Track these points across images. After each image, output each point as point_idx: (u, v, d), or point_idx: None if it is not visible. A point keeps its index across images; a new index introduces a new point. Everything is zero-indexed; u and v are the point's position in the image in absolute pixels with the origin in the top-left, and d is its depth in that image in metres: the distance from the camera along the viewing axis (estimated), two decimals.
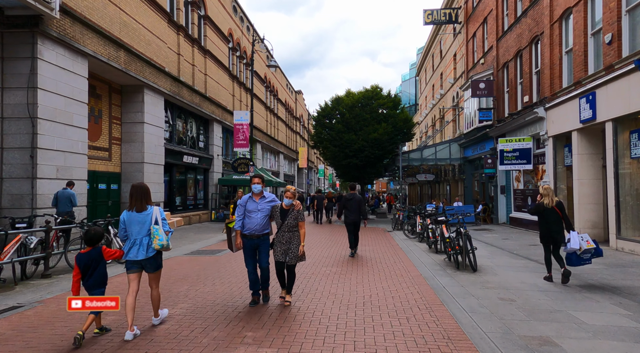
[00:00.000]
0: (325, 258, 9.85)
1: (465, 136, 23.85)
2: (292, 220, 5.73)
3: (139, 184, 4.80)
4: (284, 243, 5.70)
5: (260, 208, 5.73)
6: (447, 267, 8.65)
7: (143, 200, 4.69)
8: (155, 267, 4.70)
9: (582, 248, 6.86)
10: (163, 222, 4.69)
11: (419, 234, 13.67)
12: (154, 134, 16.65)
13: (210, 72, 22.97)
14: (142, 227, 4.59)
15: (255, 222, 5.67)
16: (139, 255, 4.54)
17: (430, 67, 38.67)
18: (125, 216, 4.64)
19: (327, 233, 16.39)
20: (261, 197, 5.83)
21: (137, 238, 4.57)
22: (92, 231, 4.61)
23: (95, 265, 4.46)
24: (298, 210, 5.79)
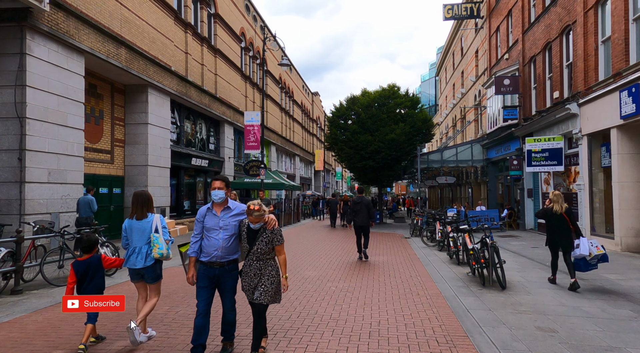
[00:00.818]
0: (332, 271, 8.85)
1: (489, 136, 22.52)
2: (264, 244, 4.03)
3: (140, 192, 4.75)
4: (253, 277, 4.07)
5: (223, 226, 4.13)
6: (470, 283, 7.55)
7: (144, 207, 4.63)
8: (154, 277, 4.59)
9: (592, 254, 6.83)
10: (163, 230, 4.63)
11: (439, 242, 12.55)
12: (158, 136, 15.95)
13: (221, 72, 22.27)
14: (142, 235, 4.54)
15: (216, 245, 4.09)
16: (137, 263, 4.46)
17: (451, 65, 37.29)
18: (126, 224, 4.61)
19: (338, 240, 15.38)
20: (224, 208, 4.20)
21: (137, 246, 4.52)
22: (85, 237, 4.58)
23: (93, 273, 4.39)
24: (273, 229, 4.09)
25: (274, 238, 4.09)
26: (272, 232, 4.08)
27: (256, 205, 3.94)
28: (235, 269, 4.26)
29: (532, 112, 17.61)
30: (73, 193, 11.36)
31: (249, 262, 4.11)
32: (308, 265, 9.61)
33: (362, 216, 10.34)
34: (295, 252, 11.85)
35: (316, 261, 10.18)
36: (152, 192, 15.64)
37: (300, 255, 11.34)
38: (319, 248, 12.78)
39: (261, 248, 4.05)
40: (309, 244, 14.01)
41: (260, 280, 4.05)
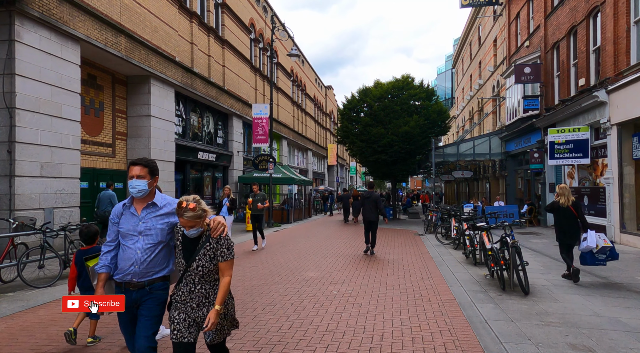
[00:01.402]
0: (336, 272, 8.15)
1: (508, 128, 21.48)
2: (207, 260, 2.79)
3: None
4: (194, 308, 2.81)
5: (144, 230, 2.93)
6: (488, 286, 6.77)
7: None
8: None
9: (599, 246, 6.76)
10: None
11: (454, 240, 11.74)
12: (162, 129, 15.43)
13: (229, 64, 21.67)
14: None
15: (133, 257, 2.90)
16: None
17: (468, 56, 36.07)
18: None
19: (347, 237, 14.67)
20: (148, 205, 3.00)
21: None
22: (85, 228, 4.47)
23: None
24: (219, 238, 2.82)
25: (218, 251, 2.79)
26: (217, 243, 2.80)
27: (190, 202, 2.74)
28: (162, 289, 2.99)
29: (554, 101, 16.57)
30: (69, 188, 10.88)
31: (187, 286, 2.81)
32: (311, 264, 8.94)
33: (370, 211, 10.37)
34: (300, 250, 11.19)
35: (320, 260, 9.50)
36: None
37: (304, 253, 10.67)
38: (326, 246, 12.10)
39: (203, 266, 2.78)
40: (315, 241, 13.35)
41: (203, 312, 2.80)
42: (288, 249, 11.37)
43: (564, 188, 7.29)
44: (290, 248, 11.63)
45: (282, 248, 11.61)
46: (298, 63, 37.66)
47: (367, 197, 10.58)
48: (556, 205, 7.30)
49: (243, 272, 8.09)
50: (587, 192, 14.19)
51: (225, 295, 2.78)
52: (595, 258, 6.86)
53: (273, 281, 7.22)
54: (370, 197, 10.52)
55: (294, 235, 15.57)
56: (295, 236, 15.09)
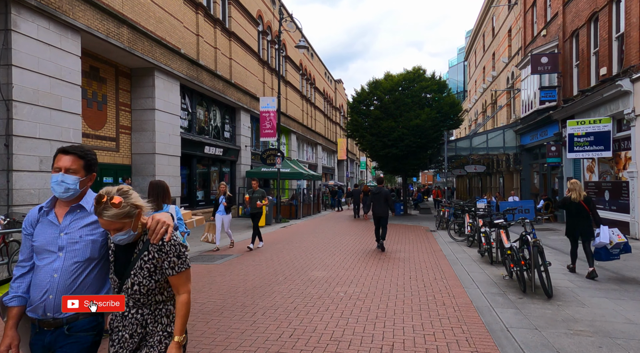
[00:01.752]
0: (344, 271, 7.73)
1: (523, 121, 20.79)
2: (143, 275, 2.06)
3: (156, 182, 4.55)
4: (128, 339, 2.11)
5: (66, 244, 2.13)
6: (508, 288, 6.29)
7: (159, 198, 4.40)
8: None
9: (613, 242, 6.70)
10: (179, 222, 4.43)
11: (468, 237, 11.23)
12: (167, 122, 15.10)
13: (236, 57, 21.27)
14: None
15: (48, 282, 2.10)
16: None
17: (481, 47, 35.20)
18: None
19: (357, 233, 14.23)
20: (72, 208, 2.22)
21: None
22: None
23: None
24: (162, 244, 2.06)
25: (164, 262, 2.05)
26: (159, 250, 2.05)
27: (113, 195, 2.01)
28: (87, 330, 2.17)
29: (573, 92, 15.88)
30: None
31: (124, 312, 2.14)
32: (318, 263, 8.52)
33: (380, 206, 10.37)
34: (307, 247, 10.78)
35: (328, 259, 9.08)
36: None
37: (312, 250, 10.26)
38: (334, 243, 11.68)
39: (140, 283, 2.06)
40: (323, 238, 12.93)
41: (143, 344, 2.10)
42: (295, 246, 10.97)
43: (575, 183, 7.25)
44: (297, 245, 11.23)
45: (289, 245, 11.22)
46: (307, 56, 37.15)
47: (377, 193, 10.61)
48: (568, 201, 7.22)
49: (246, 270, 7.71)
50: (608, 186, 13.55)
51: (185, 320, 2.07)
52: (610, 253, 6.79)
53: (277, 281, 6.82)
54: (379, 192, 10.55)
55: (302, 231, 15.18)
56: (303, 232, 14.69)
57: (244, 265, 8.23)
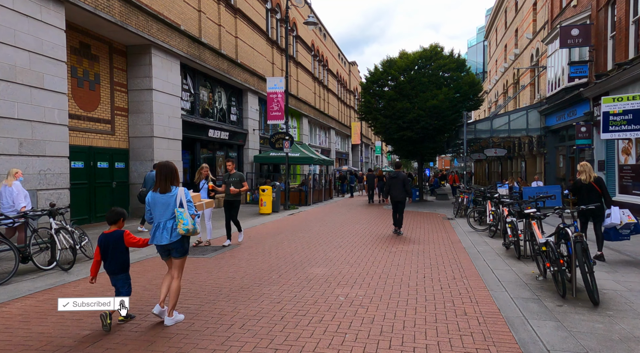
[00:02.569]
0: (348, 267, 6.77)
1: (548, 100, 19.34)
2: None
3: (164, 163, 4.42)
4: None
5: None
6: (542, 291, 5.25)
7: (167, 180, 4.31)
8: (182, 252, 4.34)
9: (623, 223, 6.70)
10: (188, 204, 4.32)
11: (490, 226, 10.14)
12: (166, 104, 14.21)
13: (243, 35, 20.20)
14: (166, 210, 4.25)
15: None
16: (163, 239, 4.21)
17: (503, 24, 33.33)
18: (149, 197, 4.33)
19: (368, 221, 13.24)
20: None
21: (161, 221, 4.25)
22: (111, 209, 4.40)
23: (115, 248, 4.23)
24: None
25: None
26: None
27: None
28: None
29: (607, 66, 14.43)
30: (55, 168, 9.82)
31: None
32: (320, 256, 7.58)
33: (397, 191, 10.35)
34: (311, 238, 9.85)
35: (332, 251, 8.13)
36: None
37: (316, 241, 9.32)
38: (341, 232, 10.73)
39: None
40: (331, 226, 11.98)
41: None
42: (298, 236, 10.05)
43: (584, 165, 7.26)
44: (301, 235, 10.31)
45: (292, 235, 10.30)
46: (319, 37, 35.80)
47: (394, 177, 10.49)
48: (579, 183, 7.22)
49: (237, 266, 6.82)
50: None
51: None
52: (619, 233, 6.77)
53: (269, 280, 5.90)
54: (397, 176, 10.45)
55: (310, 218, 14.26)
56: (310, 220, 13.77)
57: (236, 259, 7.34)
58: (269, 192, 15.79)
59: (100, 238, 4.26)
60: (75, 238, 6.99)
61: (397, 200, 10.40)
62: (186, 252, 4.37)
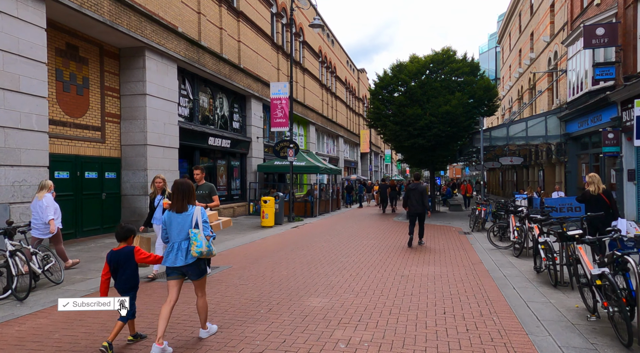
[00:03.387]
0: (353, 297, 5.71)
1: (569, 105, 18.17)
2: None
3: (180, 181, 4.26)
4: None
5: None
6: (597, 338, 4.15)
7: (184, 199, 4.13)
8: (198, 273, 4.13)
9: (630, 234, 5.98)
10: (204, 225, 4.11)
11: (515, 244, 9.01)
12: (161, 110, 13.36)
13: (246, 39, 19.40)
14: (182, 230, 4.07)
15: None
16: (177, 261, 4.01)
17: (516, 28, 32.24)
18: (165, 216, 4.17)
19: (377, 235, 12.17)
20: None
21: (176, 242, 4.07)
22: (120, 226, 4.23)
23: (125, 265, 4.07)
24: None
25: None
26: None
27: None
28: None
29: (637, 68, 13.28)
30: (32, 179, 8.94)
31: None
32: (320, 283, 6.54)
33: (416, 203, 10.09)
34: (313, 256, 8.81)
35: (334, 275, 7.09)
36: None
37: (318, 261, 8.28)
38: (348, 250, 9.67)
39: None
40: (337, 242, 10.93)
41: None
42: (299, 255, 9.03)
43: (593, 177, 7.35)
44: (302, 253, 9.28)
45: (292, 253, 9.27)
46: (327, 43, 35.04)
47: (413, 189, 10.18)
48: (587, 195, 7.29)
49: (223, 294, 5.81)
50: None
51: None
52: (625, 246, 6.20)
53: (254, 317, 4.88)
54: (416, 188, 10.16)
55: (314, 232, 13.23)
56: (315, 234, 12.74)
57: (223, 285, 6.33)
58: (271, 203, 14.81)
59: (109, 255, 4.10)
60: (37, 260, 6.04)
61: (416, 212, 10.16)
62: (204, 273, 4.20)
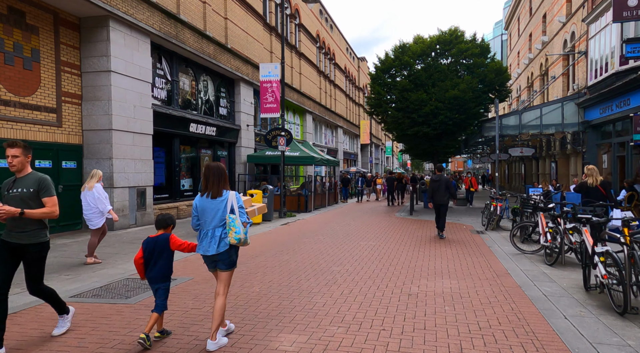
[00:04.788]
0: (343, 331, 4.06)
1: (591, 90, 16.42)
2: None
3: (214, 164, 3.91)
4: None
5: None
6: None
7: (220, 183, 3.83)
8: (229, 264, 3.84)
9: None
10: (240, 210, 3.85)
11: (546, 248, 7.33)
12: (130, 90, 11.66)
13: (234, 17, 17.63)
14: (216, 216, 3.80)
15: None
16: (210, 249, 3.77)
17: (526, 11, 30.36)
18: (197, 202, 3.88)
19: (377, 235, 10.51)
20: None
21: (209, 229, 3.81)
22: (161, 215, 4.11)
23: (159, 254, 3.94)
24: None
25: None
26: None
27: None
28: None
29: None
30: None
31: None
32: (300, 306, 4.88)
33: (440, 195, 10.32)
34: (297, 264, 7.13)
35: (320, 293, 5.43)
36: (123, 167, 11.48)
37: (301, 271, 6.62)
38: (341, 254, 8.02)
39: None
40: (329, 243, 9.27)
41: None
42: (281, 261, 7.38)
43: (592, 169, 7.62)
44: (287, 258, 7.63)
45: (274, 259, 7.62)
46: (326, 28, 33.17)
47: (437, 180, 10.44)
48: (585, 186, 7.58)
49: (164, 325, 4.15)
50: None
51: None
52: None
53: None
54: (439, 180, 10.41)
55: (305, 230, 11.58)
56: (306, 233, 11.08)
57: (170, 308, 4.66)
58: (259, 198, 13.15)
59: (145, 242, 3.98)
60: None
61: (440, 204, 10.30)
62: (234, 264, 3.90)
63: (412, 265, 7.08)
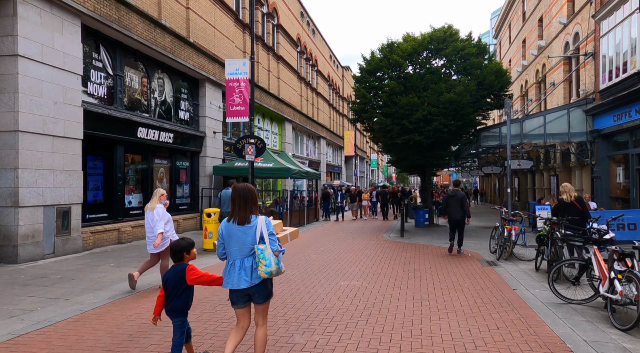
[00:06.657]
0: None
1: (603, 94, 14.47)
2: None
3: (241, 186, 3.50)
4: None
5: None
6: None
7: (247, 208, 3.42)
8: (266, 296, 3.44)
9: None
10: (271, 238, 3.39)
11: (610, 301, 5.01)
12: (49, 81, 9.15)
13: (198, 7, 15.29)
14: (244, 245, 3.39)
15: None
16: (242, 282, 3.32)
17: (519, 17, 28.78)
18: (223, 228, 3.47)
19: (368, 264, 8.08)
20: None
21: (237, 259, 3.38)
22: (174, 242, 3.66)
23: (175, 285, 3.48)
24: None
25: None
26: None
27: None
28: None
29: None
30: None
31: None
32: None
33: (456, 210, 9.99)
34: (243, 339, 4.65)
35: None
36: (34, 180, 8.87)
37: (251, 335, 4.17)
38: (309, 313, 5.58)
39: None
40: (299, 283, 6.82)
41: None
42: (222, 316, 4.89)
43: (565, 186, 7.89)
44: (232, 312, 5.15)
45: (214, 313, 5.13)
46: (307, 32, 31.11)
47: (452, 196, 10.14)
48: (562, 203, 7.79)
49: None
50: None
51: None
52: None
53: None
54: (455, 195, 10.08)
55: None
56: None
57: None
58: (216, 218, 10.63)
59: (165, 274, 3.58)
60: None
61: (456, 219, 10.08)
62: (270, 295, 3.48)
63: (416, 329, 4.68)
